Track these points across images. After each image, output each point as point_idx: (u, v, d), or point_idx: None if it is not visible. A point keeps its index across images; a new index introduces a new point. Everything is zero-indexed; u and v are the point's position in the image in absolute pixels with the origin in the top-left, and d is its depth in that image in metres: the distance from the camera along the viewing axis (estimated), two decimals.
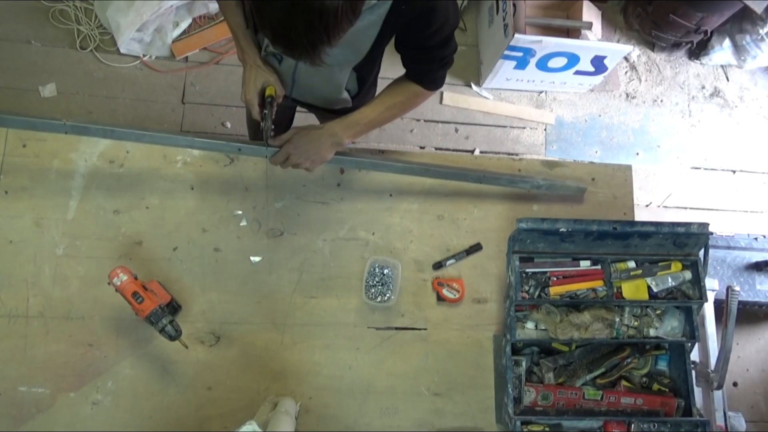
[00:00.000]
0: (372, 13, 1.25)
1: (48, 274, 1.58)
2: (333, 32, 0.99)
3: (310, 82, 1.55)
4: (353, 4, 0.98)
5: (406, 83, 1.47)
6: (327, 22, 0.95)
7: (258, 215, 1.68)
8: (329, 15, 0.95)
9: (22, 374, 1.52)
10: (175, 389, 1.56)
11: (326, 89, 1.57)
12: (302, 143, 1.45)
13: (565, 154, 3.14)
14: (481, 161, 1.82)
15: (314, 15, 0.94)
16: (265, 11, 0.96)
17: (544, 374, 1.62)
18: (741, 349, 2.89)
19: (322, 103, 1.68)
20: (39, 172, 1.64)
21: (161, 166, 1.69)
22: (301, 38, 0.98)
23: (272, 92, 1.48)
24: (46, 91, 2.79)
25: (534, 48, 2.73)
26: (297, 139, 1.45)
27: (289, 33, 0.97)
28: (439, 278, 1.69)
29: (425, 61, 1.43)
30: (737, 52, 3.30)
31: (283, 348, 1.62)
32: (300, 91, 1.61)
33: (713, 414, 1.76)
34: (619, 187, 1.84)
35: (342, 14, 0.96)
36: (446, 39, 1.37)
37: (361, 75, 1.53)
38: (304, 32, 0.96)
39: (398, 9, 1.24)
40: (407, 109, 1.57)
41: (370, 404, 1.61)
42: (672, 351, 1.67)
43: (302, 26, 0.95)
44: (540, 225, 1.55)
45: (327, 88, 1.56)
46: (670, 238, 1.59)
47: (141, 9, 2.64)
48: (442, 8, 1.28)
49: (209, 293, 1.62)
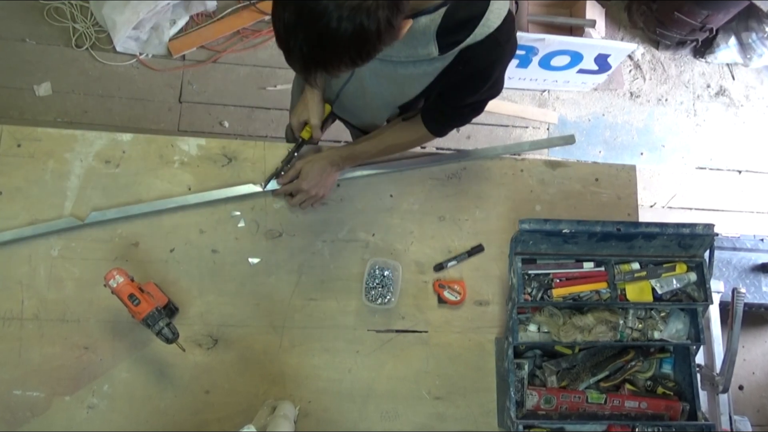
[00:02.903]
0: (430, 65, 1.21)
1: (43, 276, 1.56)
2: (330, 62, 0.94)
3: (353, 104, 1.55)
4: (361, 48, 0.92)
5: (416, 125, 1.46)
6: (325, 47, 0.90)
7: (256, 216, 1.66)
8: (330, 42, 0.89)
9: (16, 378, 1.50)
10: (172, 393, 1.54)
11: (366, 116, 1.58)
12: (312, 176, 1.54)
13: (568, 154, 3.12)
14: (483, 160, 1.80)
15: (314, 35, 0.89)
16: (278, 7, 0.91)
17: (547, 377, 1.60)
18: (747, 351, 2.87)
19: (360, 125, 1.70)
20: (34, 172, 1.62)
21: (158, 166, 1.67)
22: (297, 52, 0.92)
23: (308, 135, 1.59)
24: (41, 90, 2.78)
25: (536, 46, 2.71)
26: (306, 172, 1.54)
27: (288, 41, 0.92)
28: (440, 280, 1.67)
29: (449, 115, 1.42)
30: (743, 51, 3.28)
31: (281, 351, 1.60)
32: (341, 109, 1.62)
33: (719, 418, 1.75)
34: (623, 187, 1.82)
35: (344, 50, 0.91)
36: (480, 104, 1.36)
37: (404, 111, 1.51)
38: (300, 48, 0.91)
39: (456, 68, 1.21)
40: (408, 149, 1.63)
41: (370, 408, 1.59)
42: (677, 354, 1.65)
43: (301, 40, 0.90)
44: (543, 226, 1.53)
45: (367, 115, 1.57)
46: (674, 239, 1.57)
47: (137, 7, 2.63)
48: (495, 78, 1.26)
49: (207, 295, 1.60)
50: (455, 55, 1.18)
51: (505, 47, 1.18)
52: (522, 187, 1.78)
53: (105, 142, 1.66)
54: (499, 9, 1.13)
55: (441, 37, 1.13)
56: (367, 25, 0.87)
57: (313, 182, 1.54)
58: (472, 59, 1.18)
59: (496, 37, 1.15)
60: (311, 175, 1.54)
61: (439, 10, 1.10)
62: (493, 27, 1.13)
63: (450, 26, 1.11)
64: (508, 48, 1.20)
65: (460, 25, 1.12)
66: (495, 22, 1.13)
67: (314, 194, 1.56)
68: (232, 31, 2.96)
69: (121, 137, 1.67)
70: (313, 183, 1.54)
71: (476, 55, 1.17)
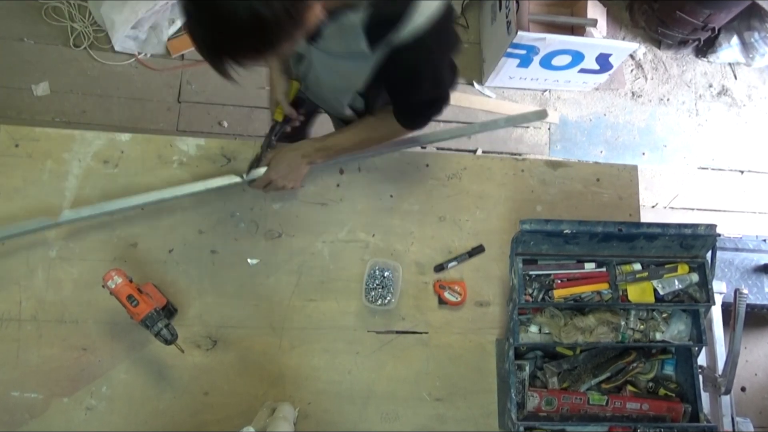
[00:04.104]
0: (364, 62, 1.25)
1: (41, 277, 1.56)
2: (232, 50, 0.94)
3: (318, 90, 1.56)
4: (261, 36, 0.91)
5: (387, 118, 1.47)
6: (223, 33, 0.90)
7: (255, 217, 1.66)
8: (227, 27, 0.89)
9: (14, 379, 1.50)
10: (171, 394, 1.53)
11: (331, 101, 1.58)
12: (282, 166, 1.53)
13: (569, 153, 3.11)
14: (483, 160, 1.79)
15: (211, 21, 0.89)
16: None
17: (548, 379, 1.59)
18: (749, 353, 2.86)
19: (329, 110, 1.72)
20: (32, 172, 1.61)
21: (156, 166, 1.66)
22: (200, 40, 0.93)
23: (281, 116, 1.58)
24: (39, 89, 2.77)
25: (537, 46, 2.70)
26: (275, 163, 1.54)
27: (191, 29, 0.92)
28: (440, 281, 1.66)
29: (411, 112, 1.45)
30: (745, 50, 3.27)
31: (281, 352, 1.59)
32: (311, 94, 1.63)
33: (721, 419, 1.74)
34: (625, 187, 1.81)
35: (243, 37, 0.91)
36: (434, 99, 1.38)
37: (367, 97, 1.52)
38: (203, 36, 0.92)
39: (388, 68, 1.25)
40: (383, 142, 1.63)
41: (370, 409, 1.58)
42: (678, 355, 1.64)
43: (202, 27, 0.91)
44: (544, 226, 1.52)
45: (331, 100, 1.57)
46: (676, 239, 1.56)
47: (136, 6, 2.63)
48: (431, 74, 1.29)
49: (206, 296, 1.60)
50: (385, 53, 1.21)
51: (432, 47, 1.21)
52: (523, 187, 1.77)
53: (103, 142, 1.66)
54: (428, 8, 1.15)
55: (369, 33, 1.17)
56: (262, 12, 0.88)
57: (282, 173, 1.54)
58: (400, 60, 1.21)
59: (422, 39, 1.17)
60: (280, 167, 1.53)
61: (363, 4, 1.13)
62: (419, 27, 1.16)
63: (376, 23, 1.15)
64: (436, 47, 1.23)
65: (385, 21, 1.15)
66: (421, 22, 1.15)
67: (282, 185, 1.55)
68: None
69: (119, 137, 1.67)
70: (282, 174, 1.54)
71: (404, 55, 1.20)
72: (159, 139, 1.69)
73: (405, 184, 1.73)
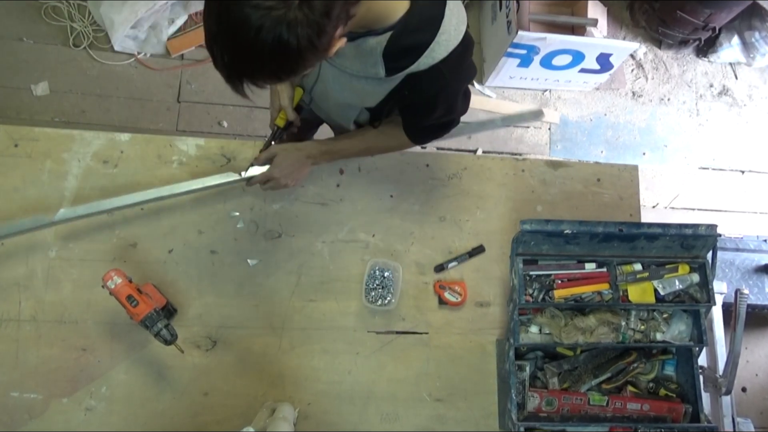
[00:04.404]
0: (379, 85, 1.25)
1: (40, 277, 1.55)
2: (252, 73, 0.93)
3: (324, 104, 1.56)
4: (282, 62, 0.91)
5: (396, 130, 1.47)
6: (245, 57, 0.89)
7: (255, 217, 1.65)
8: (249, 52, 0.88)
9: (13, 379, 1.49)
10: (170, 395, 1.53)
11: (336, 115, 1.57)
12: (285, 164, 1.51)
13: (569, 153, 3.11)
14: (484, 160, 1.78)
15: (234, 44, 0.88)
16: (205, 12, 0.90)
17: (549, 379, 1.58)
18: (750, 353, 2.86)
19: (333, 124, 1.72)
20: (31, 172, 1.61)
21: (156, 166, 1.66)
22: (219, 60, 0.92)
23: (282, 122, 1.56)
24: (39, 89, 2.77)
25: (538, 45, 2.70)
26: (279, 161, 1.51)
27: (211, 48, 0.91)
28: (440, 281, 1.66)
29: (421, 131, 1.45)
30: (746, 50, 3.26)
31: (281, 353, 1.58)
32: (316, 107, 1.62)
33: (721, 420, 1.73)
34: (625, 187, 1.80)
35: (264, 62, 0.90)
36: (445, 124, 1.40)
37: (373, 113, 1.52)
38: (222, 56, 0.91)
39: (402, 92, 1.24)
40: (388, 152, 1.64)
41: (371, 410, 1.58)
42: (679, 355, 1.63)
43: (223, 48, 0.90)
44: (544, 227, 1.51)
45: (337, 114, 1.56)
46: (677, 240, 1.56)
47: (135, 6, 2.62)
48: (445, 103, 1.29)
49: (205, 296, 1.59)
50: (401, 79, 1.21)
51: (449, 78, 1.21)
52: (523, 187, 1.77)
53: (103, 142, 1.65)
54: (447, 42, 1.15)
55: (387, 60, 1.16)
56: (286, 39, 0.86)
57: (285, 172, 1.51)
58: (415, 87, 1.21)
59: (440, 69, 1.17)
60: (284, 165, 1.51)
61: (385, 33, 1.12)
62: (438, 58, 1.16)
63: (395, 51, 1.15)
64: (453, 78, 1.22)
65: (405, 51, 1.15)
66: (441, 54, 1.15)
67: (284, 184, 1.53)
68: None
69: (119, 137, 1.67)
70: (285, 173, 1.51)
71: (420, 84, 1.20)
72: (158, 139, 1.68)
73: (405, 184, 1.72)
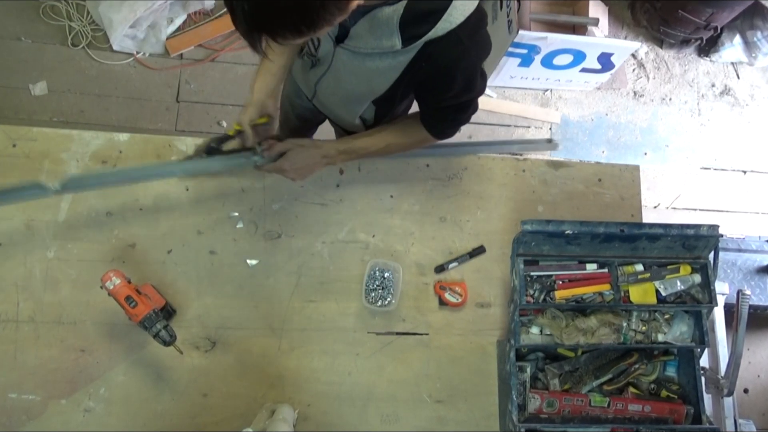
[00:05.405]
0: (394, 59, 1.23)
1: (39, 278, 1.55)
2: (273, 25, 0.92)
3: (329, 99, 1.55)
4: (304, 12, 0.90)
5: (416, 126, 1.45)
6: (266, 6, 0.88)
7: (255, 217, 1.65)
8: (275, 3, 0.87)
9: (12, 380, 1.49)
10: (169, 396, 1.52)
11: (341, 111, 1.56)
12: (298, 160, 1.48)
13: (570, 154, 3.10)
14: (484, 160, 1.78)
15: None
16: None
17: (550, 380, 1.58)
18: (752, 354, 2.85)
19: (337, 120, 1.70)
20: (30, 172, 1.60)
21: None
22: (240, 12, 0.90)
23: (232, 132, 1.52)
24: (37, 89, 2.76)
25: (539, 45, 2.69)
26: (293, 155, 1.47)
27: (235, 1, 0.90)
28: (441, 282, 1.65)
29: (439, 117, 1.42)
30: (748, 49, 3.26)
31: (280, 354, 1.58)
32: (319, 103, 1.61)
33: (723, 421, 1.73)
34: (627, 188, 1.80)
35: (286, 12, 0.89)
36: (464, 104, 1.37)
37: (379, 109, 1.51)
38: (242, 7, 0.89)
39: (419, 64, 1.22)
40: (408, 150, 1.59)
41: (371, 411, 1.57)
42: (681, 357, 1.63)
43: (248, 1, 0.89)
44: (545, 227, 1.51)
45: (342, 110, 1.55)
46: (679, 240, 1.55)
47: (134, 5, 2.62)
48: (464, 74, 1.26)
49: (205, 297, 1.59)
50: (418, 49, 1.19)
51: (467, 45, 1.19)
52: (524, 187, 1.76)
53: (101, 142, 1.65)
54: (464, 6, 1.15)
55: (403, 29, 1.15)
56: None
57: (296, 166, 1.48)
58: (433, 55, 1.19)
59: (457, 34, 1.16)
60: (296, 159, 1.48)
61: (401, 1, 1.12)
62: (455, 23, 1.15)
63: (412, 18, 1.13)
64: (472, 46, 1.21)
65: (421, 17, 1.14)
66: (458, 19, 1.15)
67: (291, 178, 1.50)
68: (230, 30, 2.94)
69: (117, 137, 1.66)
70: (296, 167, 1.48)
71: (437, 51, 1.18)
72: (157, 139, 1.68)
73: (405, 184, 1.72)
